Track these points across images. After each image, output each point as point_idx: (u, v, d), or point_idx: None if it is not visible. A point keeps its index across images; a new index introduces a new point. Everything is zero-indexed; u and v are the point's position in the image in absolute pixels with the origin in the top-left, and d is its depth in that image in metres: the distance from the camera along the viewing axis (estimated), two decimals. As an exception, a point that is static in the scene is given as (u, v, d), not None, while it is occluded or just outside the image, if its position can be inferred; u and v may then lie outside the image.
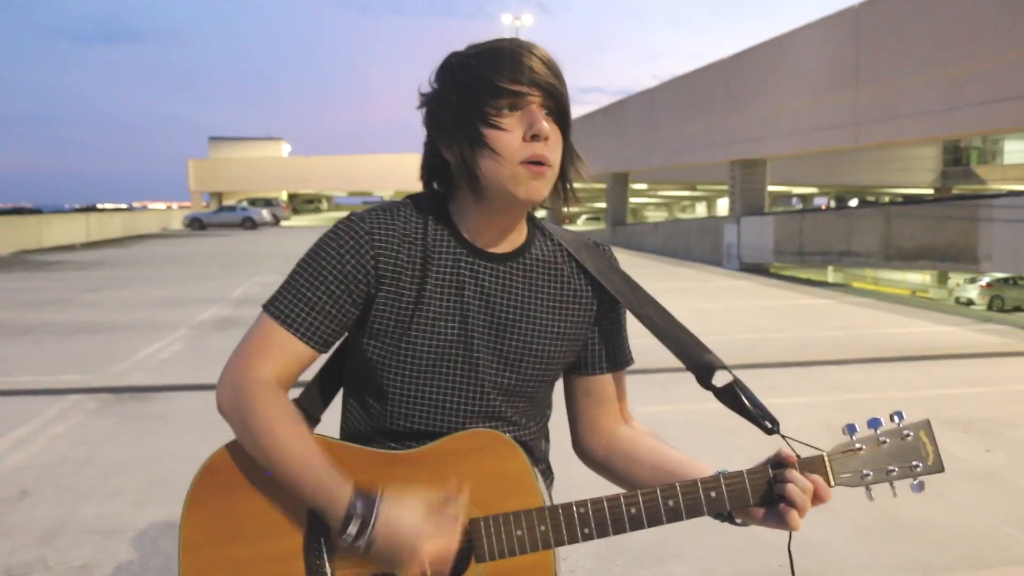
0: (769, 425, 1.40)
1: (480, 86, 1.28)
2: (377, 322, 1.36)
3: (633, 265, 19.67)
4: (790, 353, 8.23)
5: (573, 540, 1.29)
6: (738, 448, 4.93)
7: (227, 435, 1.35)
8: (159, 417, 5.98)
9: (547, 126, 1.29)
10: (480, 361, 1.38)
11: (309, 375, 1.53)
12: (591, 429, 1.54)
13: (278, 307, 1.35)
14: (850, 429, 1.36)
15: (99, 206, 76.59)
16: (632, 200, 47.60)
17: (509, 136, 1.29)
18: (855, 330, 9.85)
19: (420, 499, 1.24)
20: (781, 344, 8.81)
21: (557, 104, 1.32)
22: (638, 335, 1.60)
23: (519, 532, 1.28)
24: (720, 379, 1.43)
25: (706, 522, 1.42)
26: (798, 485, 1.30)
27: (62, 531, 3.89)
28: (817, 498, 1.32)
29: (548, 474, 1.54)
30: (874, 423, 1.35)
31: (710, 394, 1.45)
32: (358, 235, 1.34)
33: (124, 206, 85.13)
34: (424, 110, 1.37)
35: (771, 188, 31.66)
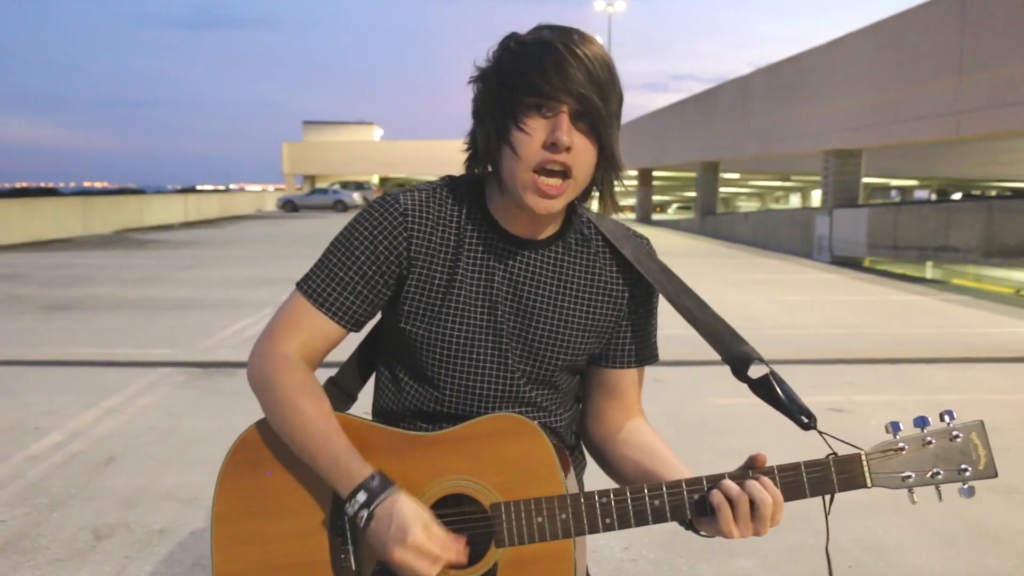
0: (805, 420, 1.35)
1: (517, 81, 1.26)
2: (408, 303, 1.37)
3: (720, 255, 19.37)
4: (877, 350, 7.98)
5: (594, 530, 1.28)
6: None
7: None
8: (241, 392, 6.15)
9: (567, 138, 1.25)
10: (507, 347, 1.38)
11: (346, 352, 1.55)
12: (595, 419, 1.52)
13: (311, 285, 1.37)
14: (894, 427, 1.29)
15: (198, 187, 79.18)
16: (723, 190, 46.86)
17: (531, 139, 1.26)
18: (949, 328, 9.48)
19: (431, 516, 1.26)
20: (868, 340, 8.55)
21: (592, 115, 1.27)
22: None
23: (539, 519, 1.27)
24: (756, 372, 1.40)
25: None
26: (724, 492, 1.25)
27: (144, 497, 4.06)
28: (757, 504, 1.24)
29: (581, 460, 1.54)
30: (921, 422, 1.29)
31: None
32: (392, 216, 1.35)
33: (221, 188, 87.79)
34: (474, 87, 1.35)
35: (867, 180, 30.76)
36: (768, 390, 1.38)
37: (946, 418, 1.29)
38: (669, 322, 1.63)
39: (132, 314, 9.71)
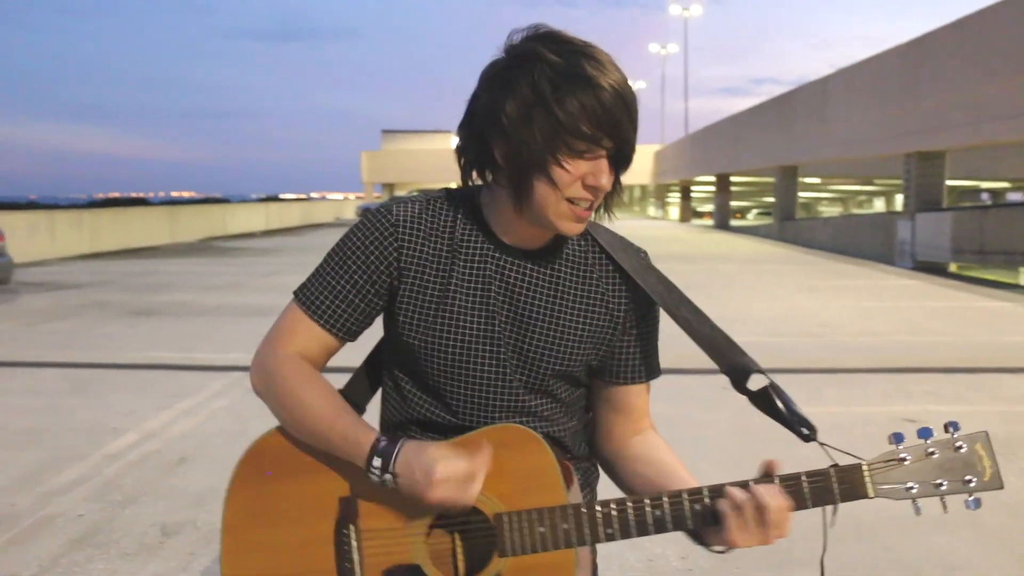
0: (806, 432, 1.33)
1: (564, 122, 1.23)
2: (404, 313, 1.38)
3: (798, 261, 18.99)
4: (957, 358, 7.72)
5: (596, 540, 1.28)
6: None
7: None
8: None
9: (608, 182, 1.28)
10: (504, 357, 1.38)
11: (355, 364, 1.57)
12: (604, 434, 1.52)
13: (306, 295, 1.40)
14: (897, 438, 1.27)
15: (280, 196, 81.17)
16: (803, 195, 45.90)
17: (571, 177, 1.26)
18: (1036, 337, 9.12)
19: (442, 444, 1.28)
20: (948, 348, 8.27)
21: (628, 159, 1.30)
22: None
23: (542, 529, 1.27)
24: (755, 384, 1.37)
25: (838, 533, 1.37)
26: (731, 500, 1.24)
27: (212, 496, 4.18)
28: (763, 512, 1.23)
29: (592, 471, 1.53)
30: (924, 433, 1.26)
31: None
32: (383, 227, 1.36)
33: (303, 196, 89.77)
34: (485, 87, 1.30)
35: (953, 182, 29.75)
36: (768, 402, 1.36)
37: (950, 429, 1.27)
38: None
39: (212, 320, 10.02)
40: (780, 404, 1.35)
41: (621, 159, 1.29)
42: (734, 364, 1.39)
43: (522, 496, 1.29)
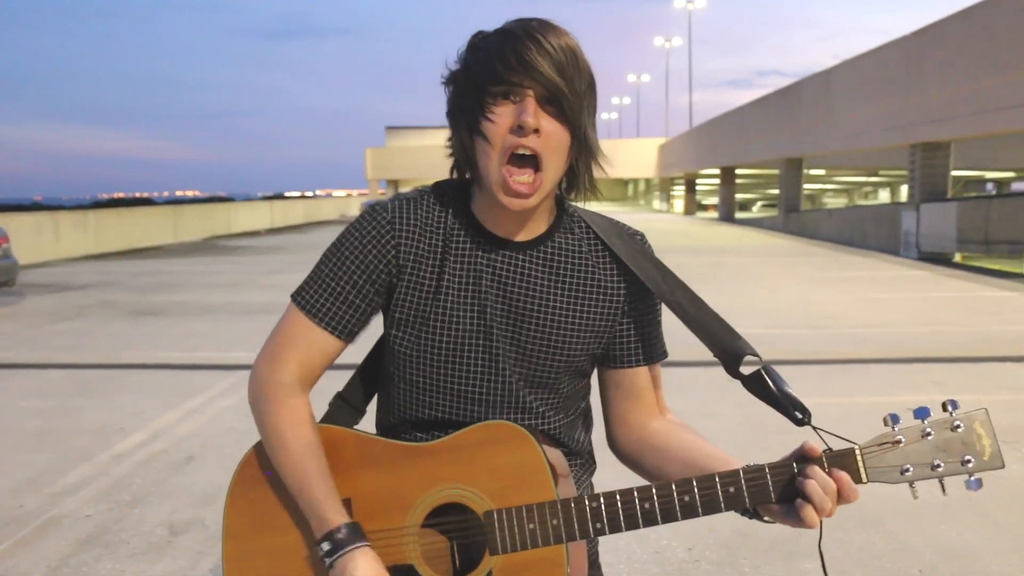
0: (799, 416, 1.31)
1: (482, 72, 1.28)
2: (399, 312, 1.37)
3: (803, 253, 18.95)
4: (963, 348, 7.71)
5: (585, 535, 1.27)
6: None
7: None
8: (317, 394, 6.28)
9: (533, 120, 1.25)
10: (500, 352, 1.37)
11: (354, 361, 1.57)
12: (621, 423, 1.49)
13: (304, 297, 1.38)
14: (893, 419, 1.24)
15: (285, 194, 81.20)
16: (808, 186, 45.78)
17: (497, 126, 1.27)
18: (1042, 325, 9.09)
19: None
20: (955, 338, 8.26)
21: (558, 97, 1.27)
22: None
23: (531, 525, 1.27)
24: (748, 368, 1.36)
25: (841, 521, 1.36)
26: (819, 483, 1.21)
27: (219, 495, 4.19)
28: (842, 498, 1.22)
29: (588, 465, 1.52)
30: (921, 413, 1.24)
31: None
32: (380, 225, 1.36)
33: (308, 194, 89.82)
34: (446, 90, 1.36)
35: (959, 173, 29.67)
36: (761, 385, 1.34)
37: (949, 407, 1.24)
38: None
39: (217, 318, 10.03)
40: (773, 387, 1.33)
41: (553, 100, 1.27)
42: (726, 348, 1.38)
43: (512, 493, 1.29)
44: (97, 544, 3.64)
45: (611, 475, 1.73)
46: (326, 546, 1.27)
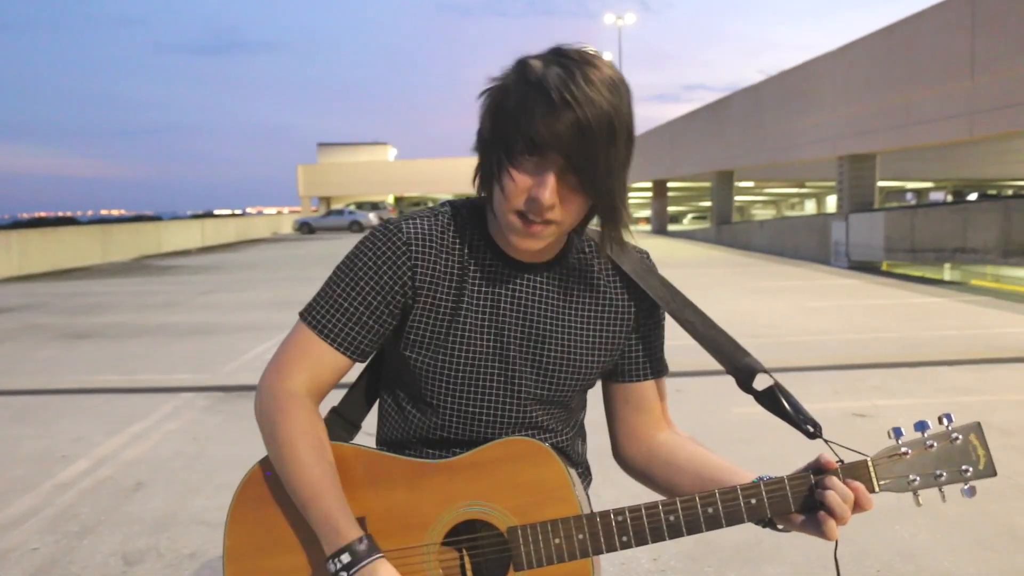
0: (811, 429, 1.36)
1: (515, 124, 1.21)
2: (414, 333, 1.35)
3: (738, 264, 19.31)
4: (898, 353, 7.94)
5: (611, 548, 1.28)
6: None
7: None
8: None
9: (550, 198, 1.21)
10: (517, 373, 1.37)
11: (350, 379, 1.55)
12: (630, 436, 1.51)
13: (315, 316, 1.35)
14: (896, 433, 1.31)
15: (215, 212, 79.75)
16: (738, 198, 46.75)
17: (516, 187, 1.23)
18: (969, 330, 9.41)
19: None
20: (889, 344, 8.50)
21: (582, 170, 1.21)
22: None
23: (557, 540, 1.27)
24: (761, 383, 1.40)
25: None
26: (838, 493, 1.26)
27: (173, 521, 4.09)
28: (858, 506, 1.27)
29: (586, 476, 1.53)
30: (921, 426, 1.31)
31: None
32: (395, 244, 1.33)
33: (238, 212, 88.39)
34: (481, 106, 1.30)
35: (882, 183, 30.60)
36: (774, 401, 1.38)
37: (944, 421, 1.31)
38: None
39: (154, 340, 9.79)
40: (785, 403, 1.38)
41: (581, 179, 1.22)
42: (739, 365, 1.41)
43: (536, 509, 1.29)
44: (47, 577, 3.52)
45: (599, 479, 1.73)
46: (345, 558, 1.22)
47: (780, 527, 1.34)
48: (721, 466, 1.41)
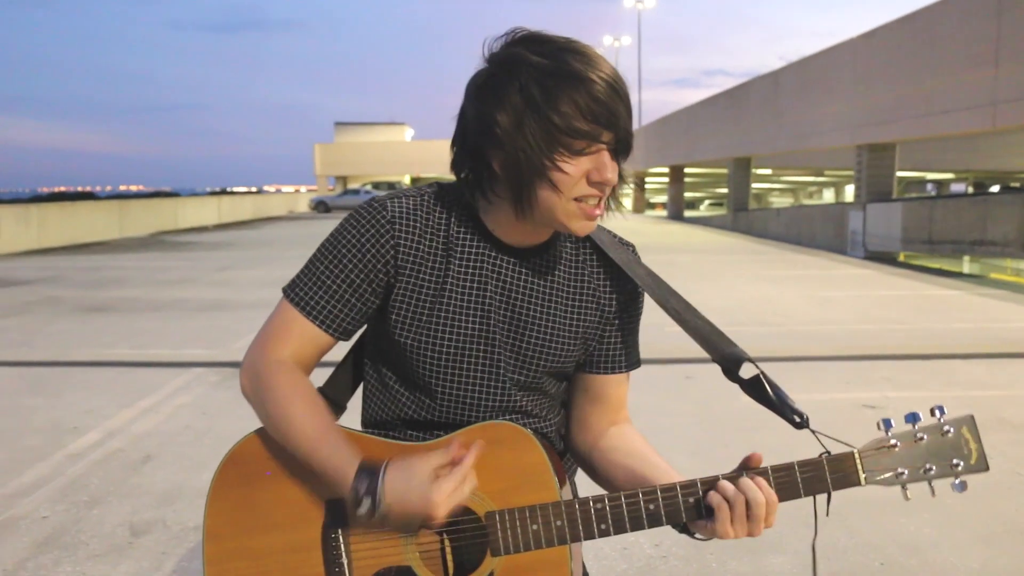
0: (797, 419, 1.35)
1: (558, 123, 1.20)
2: (397, 312, 1.35)
3: (752, 252, 19.23)
4: (911, 345, 7.89)
5: (589, 536, 1.27)
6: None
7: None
8: (275, 391, 6.23)
9: (613, 175, 1.25)
10: (499, 356, 1.37)
11: (334, 360, 1.55)
12: (580, 425, 1.51)
13: (298, 293, 1.35)
14: (886, 424, 1.29)
15: (231, 190, 79.99)
16: (756, 186, 46.45)
17: (571, 178, 1.23)
18: (985, 324, 9.34)
19: (427, 465, 1.22)
20: (902, 335, 8.45)
21: (628, 148, 1.27)
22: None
23: (535, 526, 1.26)
24: (747, 372, 1.39)
25: (805, 515, 1.39)
26: (720, 492, 1.26)
27: (180, 494, 4.12)
28: (751, 508, 1.25)
29: (570, 464, 1.54)
30: (912, 418, 1.28)
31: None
32: (379, 222, 1.32)
33: (255, 189, 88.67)
34: (473, 99, 1.28)
35: (902, 174, 30.35)
36: (759, 390, 1.38)
37: (937, 413, 1.29)
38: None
39: (167, 315, 9.85)
40: (771, 392, 1.37)
41: (622, 149, 1.27)
42: (725, 354, 1.41)
43: (514, 494, 1.28)
44: (55, 546, 3.56)
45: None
46: (365, 507, 1.21)
47: (697, 536, 1.33)
48: (657, 465, 1.40)
